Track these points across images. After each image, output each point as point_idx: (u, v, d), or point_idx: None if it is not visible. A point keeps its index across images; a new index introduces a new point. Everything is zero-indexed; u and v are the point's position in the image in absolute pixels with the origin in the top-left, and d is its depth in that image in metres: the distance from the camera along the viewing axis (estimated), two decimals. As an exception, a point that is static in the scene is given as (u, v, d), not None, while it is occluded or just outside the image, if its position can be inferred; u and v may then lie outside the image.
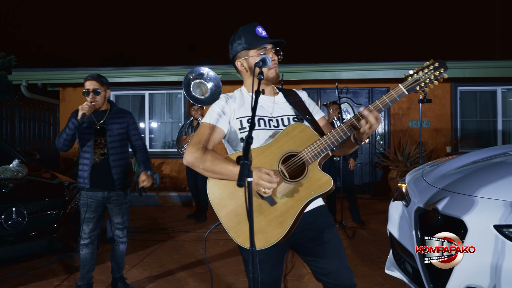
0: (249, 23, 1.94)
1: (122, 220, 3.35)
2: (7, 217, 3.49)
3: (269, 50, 1.90)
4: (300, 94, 2.06)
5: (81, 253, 3.25)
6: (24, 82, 8.10)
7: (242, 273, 3.93)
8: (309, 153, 1.70)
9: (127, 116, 3.37)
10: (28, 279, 3.83)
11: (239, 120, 1.92)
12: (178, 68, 8.12)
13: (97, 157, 3.21)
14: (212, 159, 1.80)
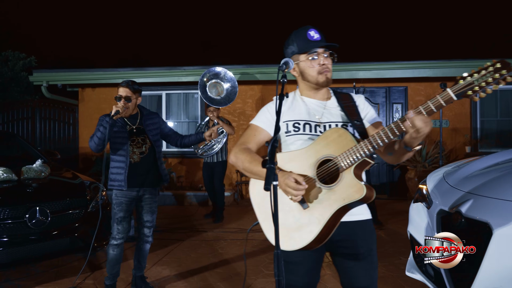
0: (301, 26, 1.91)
1: (152, 218, 3.42)
2: (31, 216, 3.57)
3: (320, 54, 1.85)
4: (356, 98, 1.96)
5: (112, 253, 3.28)
6: (44, 83, 8.26)
7: (260, 273, 3.95)
8: (343, 159, 1.66)
9: (157, 117, 3.53)
10: (50, 276, 3.91)
11: (286, 124, 1.92)
12: (195, 68, 8.17)
13: (136, 156, 3.31)
14: (250, 160, 1.85)
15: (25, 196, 3.76)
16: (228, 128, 6.00)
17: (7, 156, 5.36)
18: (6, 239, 3.45)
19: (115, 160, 3.31)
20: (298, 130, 1.89)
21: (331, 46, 1.88)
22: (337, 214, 1.67)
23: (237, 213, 6.94)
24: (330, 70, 1.88)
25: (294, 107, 1.96)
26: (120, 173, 3.27)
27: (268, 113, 1.97)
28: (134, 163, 3.30)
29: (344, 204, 1.64)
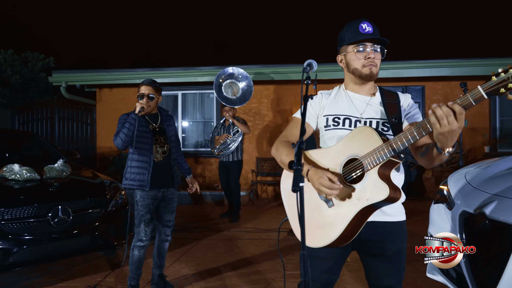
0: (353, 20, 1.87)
1: (172, 217, 3.46)
2: (53, 215, 3.64)
3: (368, 46, 1.81)
4: (401, 97, 1.91)
5: (137, 254, 3.28)
6: (63, 84, 8.41)
7: (279, 272, 3.96)
8: (368, 159, 1.64)
9: (173, 119, 3.59)
10: (72, 274, 3.98)
11: (326, 118, 1.92)
12: (211, 68, 8.22)
13: (159, 155, 3.33)
14: (287, 152, 1.85)
15: (47, 195, 3.83)
16: (244, 127, 6.02)
17: (29, 155, 5.47)
18: (29, 237, 3.53)
19: (137, 159, 3.28)
20: (337, 124, 1.87)
21: (381, 41, 1.83)
22: (361, 214, 1.65)
23: (253, 213, 6.96)
24: (376, 64, 1.83)
25: (336, 101, 1.95)
26: (143, 173, 3.26)
27: (311, 107, 1.97)
28: (157, 162, 3.32)
29: (367, 204, 1.62)
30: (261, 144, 8.53)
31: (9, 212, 3.50)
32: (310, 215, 1.76)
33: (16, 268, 3.60)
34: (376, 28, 1.84)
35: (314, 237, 1.74)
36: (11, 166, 3.94)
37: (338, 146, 1.76)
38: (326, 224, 1.72)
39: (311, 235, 1.74)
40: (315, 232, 1.74)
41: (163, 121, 3.45)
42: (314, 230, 1.74)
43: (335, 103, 1.94)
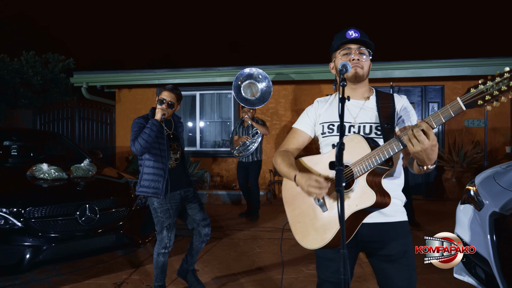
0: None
1: (205, 215, 3.43)
2: (81, 213, 3.72)
3: (353, 49, 1.88)
4: (397, 99, 1.93)
5: (162, 260, 3.27)
6: (84, 84, 8.56)
7: (301, 273, 3.98)
8: (357, 166, 1.68)
9: (182, 125, 3.59)
10: (98, 272, 4.06)
11: (322, 125, 1.98)
12: (229, 68, 8.26)
13: (172, 161, 3.32)
14: (281, 161, 1.97)
15: (75, 194, 3.92)
16: (263, 128, 6.05)
17: (53, 155, 5.59)
18: (58, 235, 3.61)
19: (152, 166, 3.21)
20: (332, 131, 1.94)
21: (367, 44, 1.88)
22: (354, 217, 1.70)
23: (271, 212, 6.98)
24: (361, 66, 1.87)
25: (332, 109, 2.00)
26: (158, 180, 3.19)
27: (307, 116, 2.06)
28: (170, 169, 3.29)
29: (357, 209, 1.67)
30: (279, 144, 8.54)
31: (39, 210, 3.59)
32: (306, 218, 1.85)
33: (46, 265, 3.71)
34: (364, 34, 1.91)
35: (310, 239, 1.81)
36: (40, 166, 4.04)
37: (331, 153, 1.82)
38: (321, 227, 1.79)
39: (307, 237, 1.83)
40: (311, 235, 1.82)
41: (175, 127, 3.46)
42: (310, 232, 1.82)
43: (330, 110, 2.00)
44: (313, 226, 1.81)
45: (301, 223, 1.88)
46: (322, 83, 8.34)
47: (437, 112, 1.46)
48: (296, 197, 1.93)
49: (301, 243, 1.87)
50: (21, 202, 3.58)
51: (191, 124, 9.15)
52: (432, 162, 1.54)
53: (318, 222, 1.80)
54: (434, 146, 1.48)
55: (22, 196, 3.72)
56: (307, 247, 1.84)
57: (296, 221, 1.91)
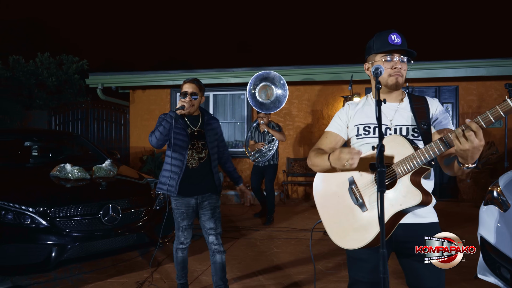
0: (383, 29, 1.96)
1: (215, 225, 3.18)
2: (104, 213, 3.79)
3: (396, 56, 1.90)
4: (430, 101, 1.97)
5: (181, 255, 3.27)
6: (100, 86, 8.66)
7: (320, 273, 4.01)
8: (400, 166, 1.71)
9: (217, 122, 3.33)
10: (119, 270, 4.12)
11: (356, 127, 2.00)
12: (243, 69, 8.31)
13: (194, 161, 3.13)
14: (314, 155, 2.01)
15: (98, 194, 3.98)
16: (279, 135, 6.00)
17: (73, 155, 5.68)
18: (82, 234, 3.68)
19: (170, 162, 3.12)
20: (368, 133, 1.96)
21: (408, 53, 1.91)
22: (394, 218, 1.73)
23: (285, 213, 7.01)
24: (402, 75, 1.91)
25: (365, 110, 2.03)
26: (172, 177, 3.09)
27: (339, 119, 2.10)
28: (191, 169, 3.11)
29: (400, 209, 1.70)
30: (292, 145, 8.58)
31: (64, 210, 3.65)
32: (343, 219, 1.88)
33: (70, 264, 3.77)
34: (404, 39, 1.92)
35: (349, 240, 1.84)
36: (64, 166, 4.11)
37: (370, 154, 1.84)
38: (361, 227, 1.81)
39: (346, 237, 1.85)
40: (350, 235, 1.84)
41: (204, 124, 3.20)
42: (348, 233, 1.84)
43: (364, 112, 2.02)
44: (352, 226, 1.83)
45: (338, 223, 1.90)
46: (335, 83, 8.34)
47: (486, 113, 1.50)
48: (331, 197, 1.95)
49: (339, 243, 1.89)
50: (47, 202, 3.66)
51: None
52: (473, 160, 1.57)
53: (357, 222, 1.82)
54: (482, 146, 1.51)
55: (48, 196, 3.79)
56: (345, 247, 1.86)
57: (332, 221, 1.93)
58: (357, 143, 2.00)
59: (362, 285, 1.96)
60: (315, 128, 8.50)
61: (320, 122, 8.47)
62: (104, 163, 4.45)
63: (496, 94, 7.85)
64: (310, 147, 8.57)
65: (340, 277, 3.91)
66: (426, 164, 1.67)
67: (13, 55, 11.18)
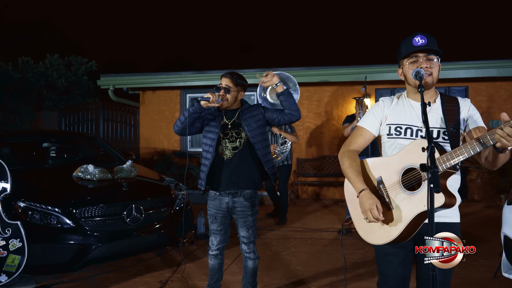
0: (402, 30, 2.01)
1: (248, 234, 3.03)
2: (128, 213, 3.84)
3: (421, 57, 1.93)
4: (462, 103, 2.00)
5: (210, 263, 3.13)
6: (111, 87, 8.72)
7: (340, 270, 4.05)
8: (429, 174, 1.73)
9: (257, 108, 3.08)
10: (140, 270, 4.17)
11: (389, 126, 2.05)
12: (253, 70, 8.36)
13: (228, 151, 2.95)
14: (349, 165, 2.06)
15: (122, 194, 4.03)
16: (291, 137, 6.01)
17: (91, 156, 5.74)
18: (107, 234, 3.73)
19: (203, 156, 3.04)
20: (399, 134, 2.01)
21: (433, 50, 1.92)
22: (419, 217, 1.82)
23: (297, 213, 7.05)
24: (430, 73, 1.92)
25: (398, 110, 2.07)
26: (203, 170, 3.00)
27: (373, 116, 2.12)
28: (226, 159, 2.95)
29: (424, 209, 1.77)
30: (302, 145, 8.62)
31: (89, 210, 3.71)
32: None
33: (95, 263, 3.83)
34: (431, 39, 1.94)
35: (375, 236, 1.94)
36: (86, 167, 4.16)
37: (398, 155, 1.92)
38: (386, 224, 1.90)
39: (372, 233, 1.95)
40: (375, 231, 1.93)
41: (240, 115, 3.01)
42: (375, 229, 1.94)
43: (398, 112, 2.06)
44: (378, 224, 1.91)
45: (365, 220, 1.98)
46: (345, 84, 8.40)
47: None
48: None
49: (365, 238, 1.99)
50: (72, 202, 3.72)
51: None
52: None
53: (384, 220, 1.89)
54: None
55: (73, 197, 3.85)
56: (371, 242, 1.97)
57: (360, 217, 2.00)
58: (388, 142, 2.06)
59: (391, 279, 2.04)
60: (325, 128, 8.55)
61: (330, 123, 8.52)
62: (125, 164, 4.50)
63: (506, 95, 7.89)
64: (320, 147, 8.63)
65: (361, 275, 3.96)
66: (451, 168, 1.73)
67: (22, 57, 11.27)
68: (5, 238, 3.22)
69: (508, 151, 1.67)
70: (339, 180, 8.39)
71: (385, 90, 8.34)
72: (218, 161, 2.98)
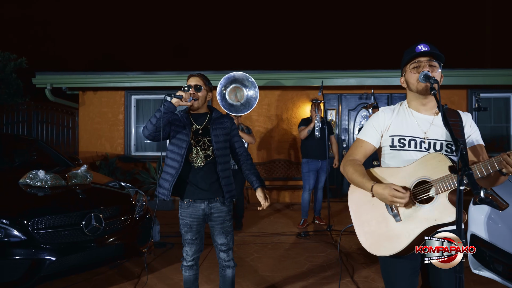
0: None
1: (226, 240, 2.93)
2: (87, 223, 3.52)
3: (423, 62, 1.93)
4: (463, 116, 2.01)
5: (185, 274, 2.96)
6: (48, 86, 8.03)
7: (306, 276, 4.04)
8: (440, 183, 1.77)
9: (229, 122, 3.01)
10: (98, 285, 3.85)
11: (391, 138, 2.03)
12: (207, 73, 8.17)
13: (200, 159, 2.82)
14: (353, 171, 2.03)
15: (79, 202, 3.68)
16: (248, 137, 5.97)
17: (32, 161, 5.21)
18: (64, 247, 3.38)
19: (168, 163, 2.86)
20: (403, 146, 1.99)
21: (436, 56, 1.93)
22: (427, 231, 1.82)
23: (251, 218, 6.96)
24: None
25: (400, 120, 2.05)
26: (167, 179, 2.81)
27: (374, 128, 2.10)
28: (197, 168, 2.81)
29: (435, 224, 1.78)
30: (253, 149, 8.58)
31: (43, 221, 3.34)
32: (376, 227, 1.95)
33: (50, 279, 3.45)
34: (434, 47, 1.96)
35: (380, 247, 1.92)
36: (36, 173, 3.76)
37: (410, 167, 1.90)
38: (393, 236, 1.89)
39: (377, 244, 1.93)
40: (381, 242, 1.92)
41: (211, 121, 2.92)
42: (380, 240, 1.92)
43: (400, 123, 2.04)
44: (384, 235, 1.91)
45: (371, 229, 1.97)
46: (295, 89, 8.51)
47: None
48: (365, 204, 2.01)
49: (369, 249, 1.97)
50: (23, 212, 3.32)
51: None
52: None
53: (390, 232, 1.89)
54: None
55: (23, 206, 3.45)
56: (375, 253, 1.94)
57: (364, 227, 2.00)
58: (390, 153, 2.03)
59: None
60: (275, 132, 8.58)
61: (280, 126, 8.58)
62: (78, 169, 4.13)
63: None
64: (270, 151, 8.64)
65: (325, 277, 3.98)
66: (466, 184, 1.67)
67: None
68: None
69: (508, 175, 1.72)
70: (288, 183, 8.46)
71: (332, 96, 8.57)
72: (187, 170, 2.82)
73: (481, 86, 8.15)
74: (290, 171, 8.50)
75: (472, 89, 8.31)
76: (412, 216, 1.84)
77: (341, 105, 8.61)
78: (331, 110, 8.65)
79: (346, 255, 4.70)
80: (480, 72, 7.95)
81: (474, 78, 7.86)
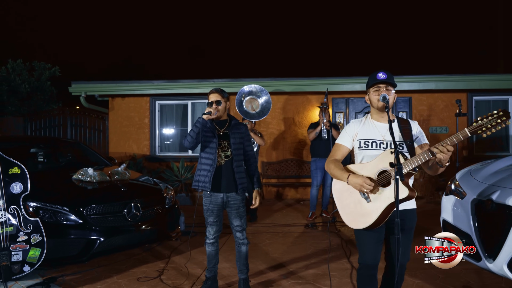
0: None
1: (241, 222, 3.61)
2: (128, 211, 4.33)
3: (382, 87, 2.66)
4: (412, 124, 2.70)
5: (208, 250, 3.67)
6: (83, 94, 8.96)
7: (309, 257, 4.75)
8: (393, 172, 2.43)
9: (244, 128, 3.71)
10: (135, 263, 4.62)
11: (359, 141, 2.76)
12: (224, 80, 8.97)
13: (221, 159, 3.53)
14: (334, 167, 2.76)
15: (121, 194, 4.51)
16: (260, 139, 6.75)
17: (77, 161, 6.06)
18: (110, 229, 4.20)
19: (203, 162, 3.55)
20: (367, 146, 2.72)
21: (391, 84, 2.66)
22: (389, 207, 2.50)
23: (264, 212, 7.69)
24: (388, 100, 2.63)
25: (365, 129, 2.77)
26: (206, 175, 3.51)
27: (347, 134, 2.83)
28: (219, 166, 3.51)
29: (393, 201, 2.44)
30: (266, 150, 9.32)
31: (93, 208, 4.16)
32: (354, 208, 2.65)
33: (100, 256, 4.26)
34: (390, 75, 2.67)
35: (358, 222, 2.61)
36: (86, 170, 4.58)
37: (373, 162, 2.61)
38: (366, 213, 2.58)
39: (355, 220, 2.63)
40: (358, 219, 2.62)
41: (230, 127, 3.61)
42: (357, 217, 2.63)
43: (365, 130, 2.76)
44: (360, 213, 2.61)
45: (350, 210, 2.68)
46: (305, 94, 9.21)
47: (452, 137, 2.31)
48: (345, 192, 2.72)
49: (349, 224, 2.68)
50: (79, 202, 4.15)
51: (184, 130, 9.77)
52: (446, 162, 2.37)
53: (363, 210, 2.59)
54: (451, 153, 2.33)
55: (79, 196, 4.28)
56: (354, 227, 2.65)
57: (345, 208, 2.70)
58: (359, 153, 2.75)
59: (367, 254, 2.68)
60: (287, 134, 9.31)
61: (292, 129, 9.29)
62: (119, 167, 4.95)
63: (443, 105, 9.06)
64: (283, 151, 9.38)
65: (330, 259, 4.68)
66: (412, 170, 2.42)
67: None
68: (27, 233, 3.60)
69: (443, 168, 2.44)
70: (300, 181, 9.18)
71: (340, 100, 9.25)
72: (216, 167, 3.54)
73: (480, 90, 8.72)
74: (301, 170, 9.22)
75: (472, 92, 8.88)
76: (378, 197, 2.53)
77: (349, 108, 9.27)
78: (339, 113, 9.33)
79: (347, 242, 5.40)
80: (477, 77, 8.52)
81: (472, 82, 8.45)
